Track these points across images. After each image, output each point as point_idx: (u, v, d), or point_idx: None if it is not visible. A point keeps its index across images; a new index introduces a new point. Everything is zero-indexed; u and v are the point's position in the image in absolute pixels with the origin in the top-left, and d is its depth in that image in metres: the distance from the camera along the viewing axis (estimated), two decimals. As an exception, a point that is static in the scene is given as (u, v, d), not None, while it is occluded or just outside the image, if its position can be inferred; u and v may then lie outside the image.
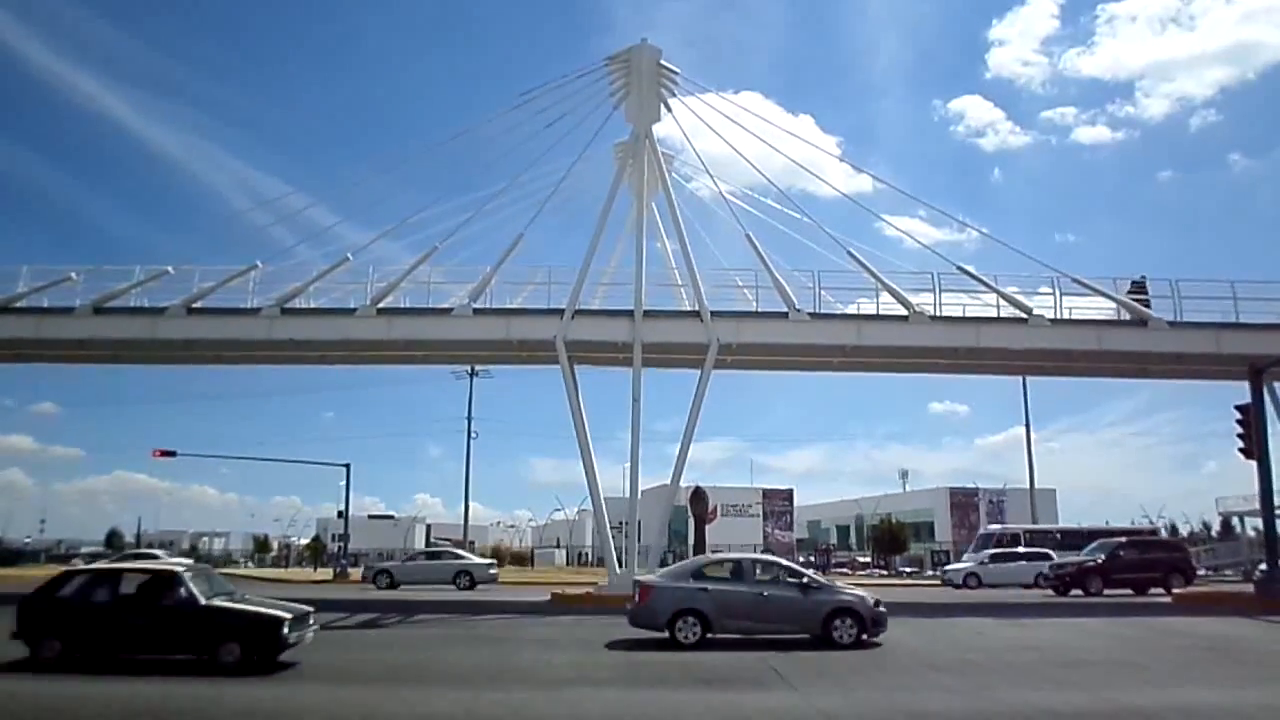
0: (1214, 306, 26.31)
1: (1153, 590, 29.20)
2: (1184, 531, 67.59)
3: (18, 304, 26.44)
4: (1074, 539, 37.81)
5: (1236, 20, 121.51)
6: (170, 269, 26.99)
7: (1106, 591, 29.06)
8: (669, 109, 28.50)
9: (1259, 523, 29.76)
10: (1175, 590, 28.38)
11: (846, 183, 78.99)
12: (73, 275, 26.79)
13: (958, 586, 33.86)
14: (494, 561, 38.14)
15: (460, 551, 36.52)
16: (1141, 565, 30.22)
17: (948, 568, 39.98)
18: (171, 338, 26.42)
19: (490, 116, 29.70)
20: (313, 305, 26.79)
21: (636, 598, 15.10)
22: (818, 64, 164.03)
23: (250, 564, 73.60)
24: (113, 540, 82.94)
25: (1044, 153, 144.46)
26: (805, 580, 15.49)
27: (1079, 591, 29.34)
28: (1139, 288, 26.79)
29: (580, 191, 29.06)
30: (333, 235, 30.24)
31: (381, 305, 26.17)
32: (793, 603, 14.82)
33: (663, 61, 28.09)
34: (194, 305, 26.24)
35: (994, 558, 36.09)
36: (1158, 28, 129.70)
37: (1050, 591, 30.47)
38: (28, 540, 76.56)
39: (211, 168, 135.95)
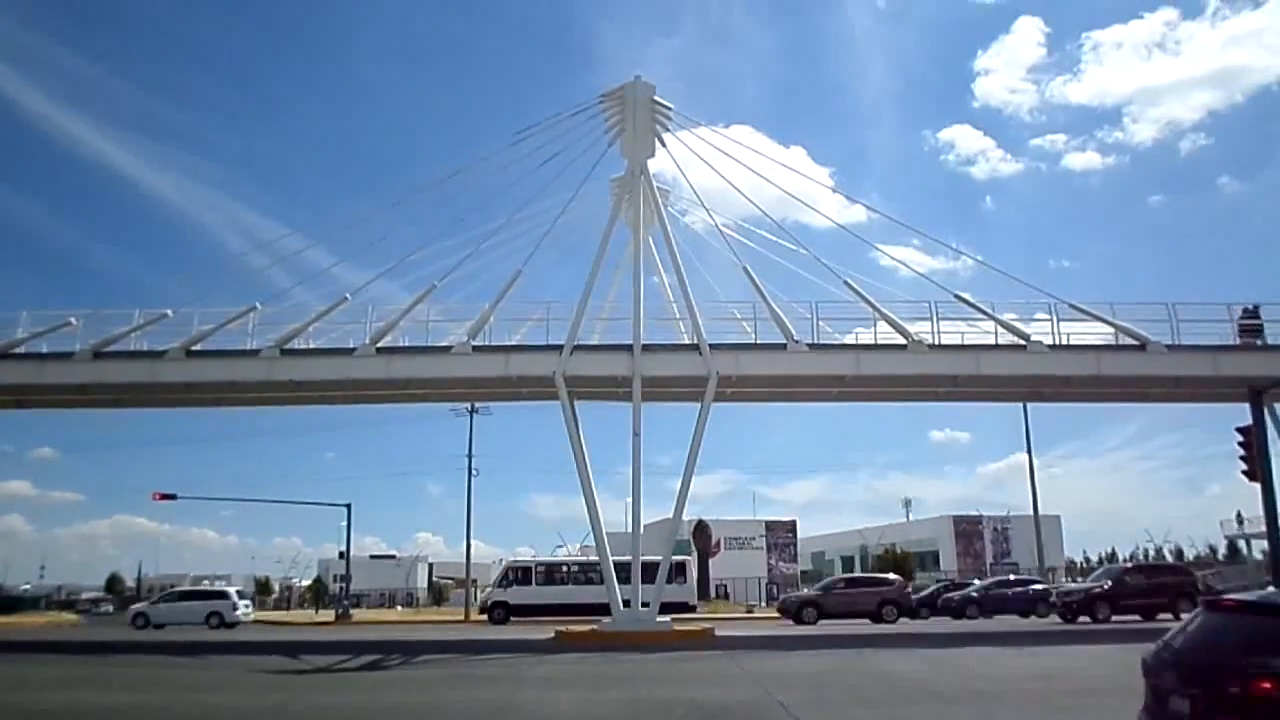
0: (1212, 329, 26.33)
1: (1161, 616, 29.02)
2: (1190, 555, 67.27)
3: (17, 349, 26.47)
4: (590, 570, 38.10)
5: (1222, 44, 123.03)
6: (170, 312, 27.04)
7: (1114, 618, 28.90)
8: (663, 144, 28.72)
9: (1266, 545, 29.62)
10: (1183, 615, 28.19)
11: (840, 213, 79.37)
12: (72, 320, 26.81)
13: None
14: None
15: None
16: (1149, 591, 30.06)
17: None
18: (171, 380, 26.43)
19: (487, 154, 29.94)
20: (312, 346, 26.80)
21: None
22: (807, 96, 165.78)
23: (252, 606, 72.98)
24: (113, 585, 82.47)
25: (1035, 180, 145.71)
26: None
27: (1087, 619, 29.17)
28: (1251, 315, 26.54)
29: (577, 227, 29.23)
30: (331, 276, 30.32)
31: (380, 344, 26.20)
32: None
33: (656, 98, 28.34)
34: (193, 348, 26.25)
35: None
36: (1144, 53, 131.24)
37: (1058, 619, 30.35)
38: (27, 586, 75.96)
39: (209, 210, 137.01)
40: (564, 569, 39.83)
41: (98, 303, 31.64)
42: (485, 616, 38.07)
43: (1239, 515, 45.29)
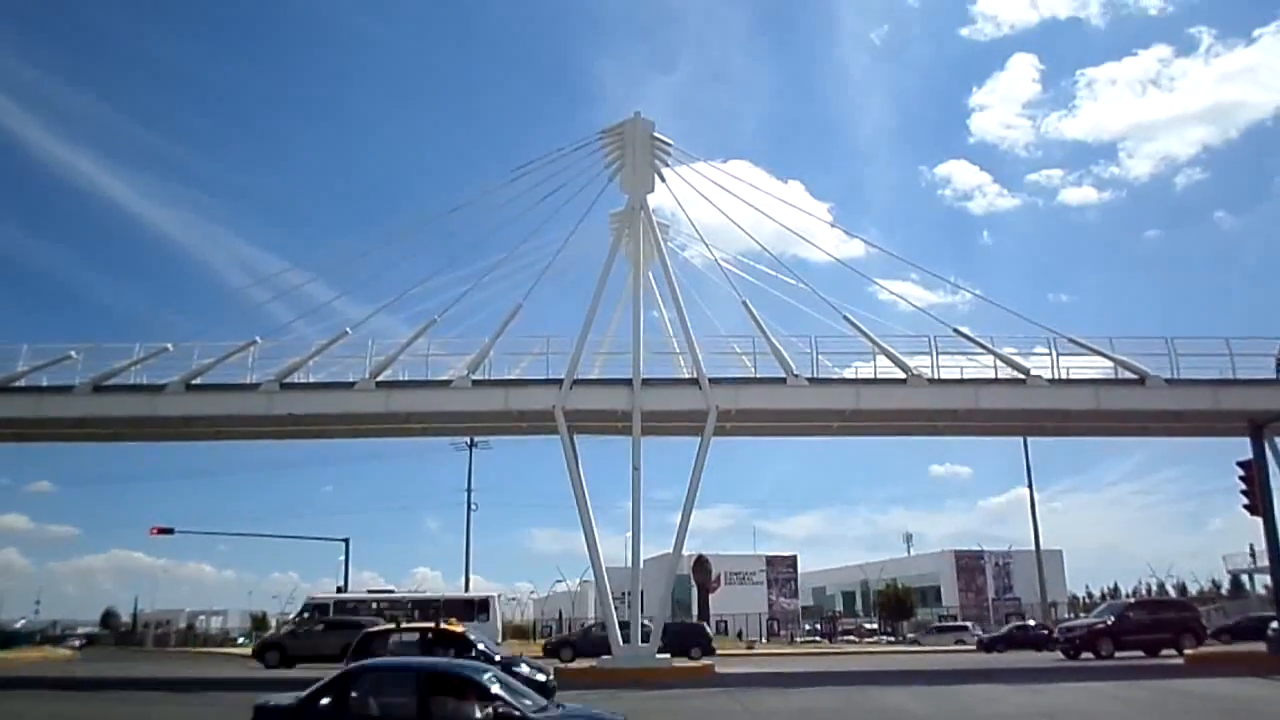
0: (1210, 363, 26.29)
1: (1164, 652, 28.82)
2: (1193, 590, 66.84)
3: (17, 383, 26.46)
4: (395, 607, 37.93)
5: (1215, 80, 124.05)
6: (170, 346, 27.06)
7: (1118, 654, 28.68)
8: (663, 179, 28.91)
9: (1269, 580, 29.47)
10: (1187, 651, 28.00)
11: (839, 248, 79.51)
12: (72, 354, 26.81)
13: None
14: None
15: None
16: (1152, 626, 29.84)
17: None
18: (171, 414, 26.38)
19: (488, 189, 30.07)
20: (312, 380, 26.80)
21: None
22: (805, 132, 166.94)
23: (249, 642, 72.38)
24: (108, 620, 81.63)
25: (1032, 214, 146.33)
26: None
27: (1090, 655, 28.94)
28: None
29: (577, 261, 29.28)
30: (331, 310, 30.32)
31: (380, 378, 26.20)
32: None
33: (656, 134, 28.59)
34: (193, 382, 26.25)
35: None
36: (1138, 89, 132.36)
37: (1061, 655, 30.12)
38: (23, 621, 75.24)
39: (210, 245, 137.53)
40: (367, 607, 39.23)
41: (98, 337, 31.64)
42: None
43: (1252, 549, 44.99)
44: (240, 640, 72.59)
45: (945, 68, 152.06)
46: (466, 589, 49.84)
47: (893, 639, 55.80)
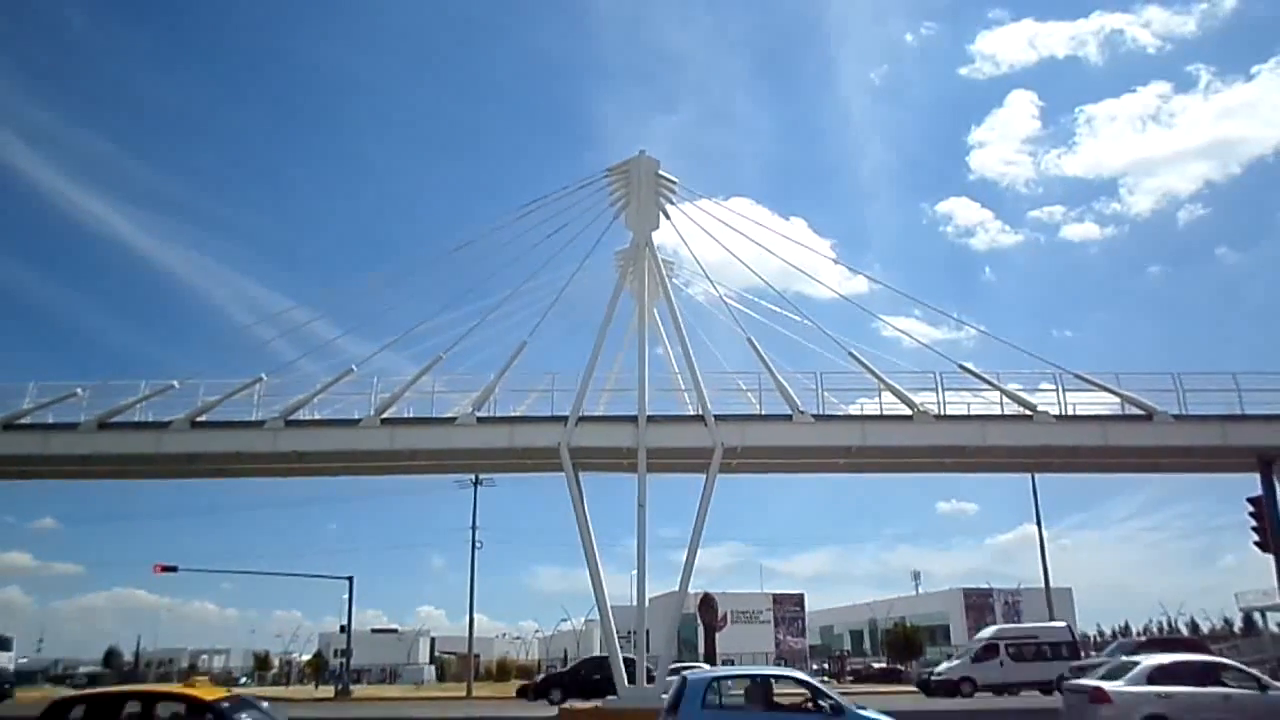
0: (1218, 399, 26.20)
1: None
2: (1205, 628, 66.07)
3: (23, 420, 26.51)
4: None
5: (1215, 116, 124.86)
6: (176, 383, 27.12)
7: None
8: (667, 216, 29.04)
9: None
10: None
11: (842, 284, 79.66)
12: (78, 391, 26.91)
13: None
14: None
15: None
16: (1164, 666, 29.40)
17: None
18: (175, 451, 26.36)
19: (493, 227, 30.17)
20: (317, 417, 26.82)
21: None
22: (806, 170, 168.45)
23: (250, 682, 71.80)
24: (111, 659, 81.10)
25: (1034, 251, 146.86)
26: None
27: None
28: None
29: (582, 298, 29.37)
30: (336, 348, 30.39)
31: (385, 415, 26.19)
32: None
33: (661, 171, 28.76)
34: (198, 419, 26.28)
35: None
36: (1138, 126, 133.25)
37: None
38: (24, 661, 74.71)
39: (216, 283, 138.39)
40: None
41: (104, 374, 31.75)
42: None
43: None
44: (243, 680, 72.15)
45: (944, 106, 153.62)
46: (470, 628, 49.48)
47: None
